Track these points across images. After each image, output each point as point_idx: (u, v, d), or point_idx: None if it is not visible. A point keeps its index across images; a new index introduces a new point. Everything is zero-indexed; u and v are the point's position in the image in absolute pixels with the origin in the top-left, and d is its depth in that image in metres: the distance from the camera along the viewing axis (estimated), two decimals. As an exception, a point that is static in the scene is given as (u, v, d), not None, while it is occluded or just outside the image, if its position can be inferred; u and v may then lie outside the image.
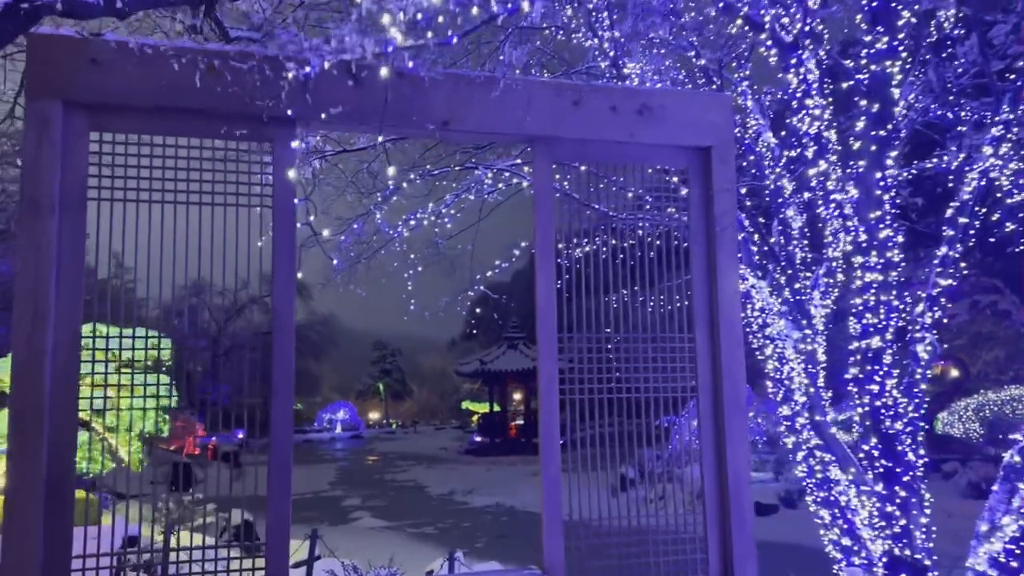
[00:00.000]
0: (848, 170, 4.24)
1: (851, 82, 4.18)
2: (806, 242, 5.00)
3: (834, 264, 4.88)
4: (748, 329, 4.95)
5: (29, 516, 2.89)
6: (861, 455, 4.32)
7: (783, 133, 4.73)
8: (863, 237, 4.18)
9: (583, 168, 4.07)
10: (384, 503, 19.52)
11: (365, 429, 59.48)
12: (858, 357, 4.24)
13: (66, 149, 3.14)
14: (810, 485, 4.73)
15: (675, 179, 4.18)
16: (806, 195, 4.84)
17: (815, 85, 4.23)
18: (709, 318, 4.08)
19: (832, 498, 4.50)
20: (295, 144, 3.45)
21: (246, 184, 3.43)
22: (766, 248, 4.84)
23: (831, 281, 4.84)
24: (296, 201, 3.57)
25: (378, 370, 72.80)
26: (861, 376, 4.21)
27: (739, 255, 4.13)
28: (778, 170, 4.67)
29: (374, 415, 68.73)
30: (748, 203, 4.99)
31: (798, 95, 4.25)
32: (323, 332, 57.15)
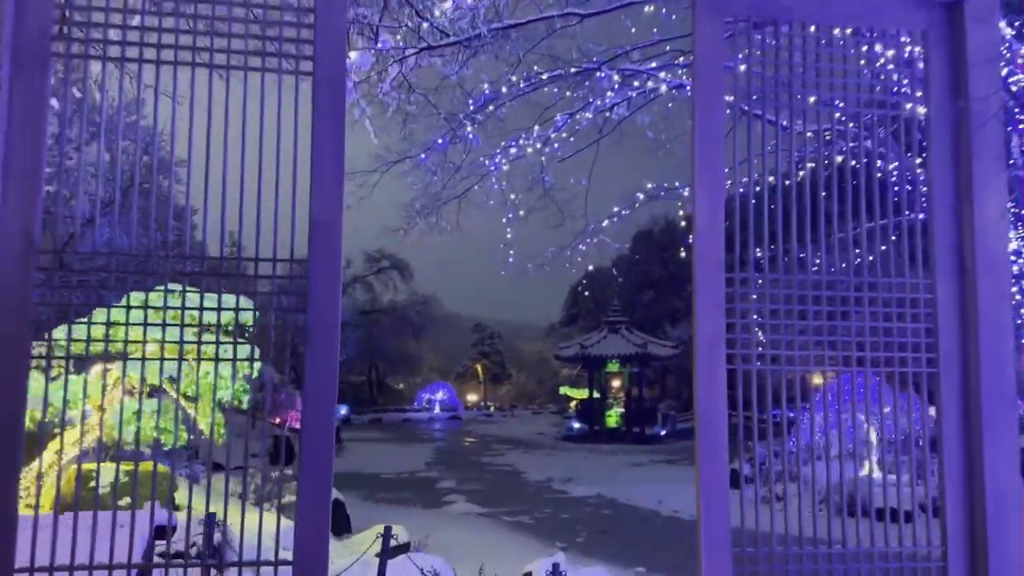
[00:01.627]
0: None
1: None
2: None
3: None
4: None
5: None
6: None
7: None
8: None
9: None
10: (480, 487, 18.72)
11: (463, 411, 59.53)
12: None
13: (21, -19, 2.18)
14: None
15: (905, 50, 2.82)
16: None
17: None
18: (958, 255, 2.71)
19: None
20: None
21: (276, 40, 2.37)
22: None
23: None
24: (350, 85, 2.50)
25: (477, 353, 72.96)
26: None
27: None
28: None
29: (472, 397, 68.94)
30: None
31: None
32: (424, 313, 57.43)
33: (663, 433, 33.79)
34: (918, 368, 2.69)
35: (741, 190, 2.72)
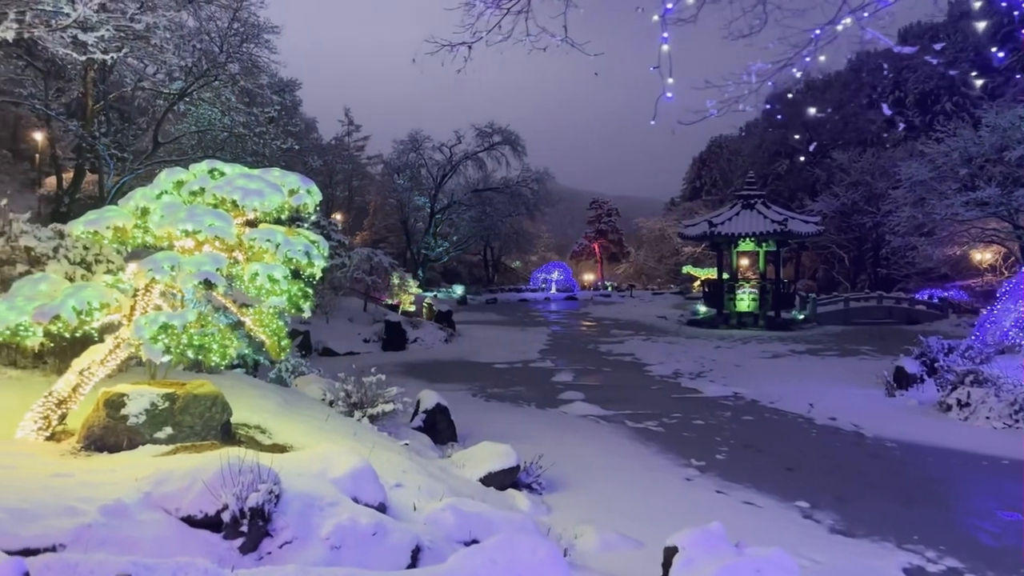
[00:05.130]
0: None
1: None
2: None
3: None
4: None
5: None
6: None
7: None
8: None
9: None
10: (598, 382, 17.06)
11: (580, 291, 58.09)
12: None
13: None
14: None
15: None
16: None
17: None
18: None
19: None
20: None
21: None
22: None
23: None
24: None
25: (594, 230, 70.52)
26: None
27: None
28: None
29: (589, 277, 67.37)
30: None
31: None
32: (538, 190, 54.98)
33: (801, 318, 30.73)
34: None
35: None
